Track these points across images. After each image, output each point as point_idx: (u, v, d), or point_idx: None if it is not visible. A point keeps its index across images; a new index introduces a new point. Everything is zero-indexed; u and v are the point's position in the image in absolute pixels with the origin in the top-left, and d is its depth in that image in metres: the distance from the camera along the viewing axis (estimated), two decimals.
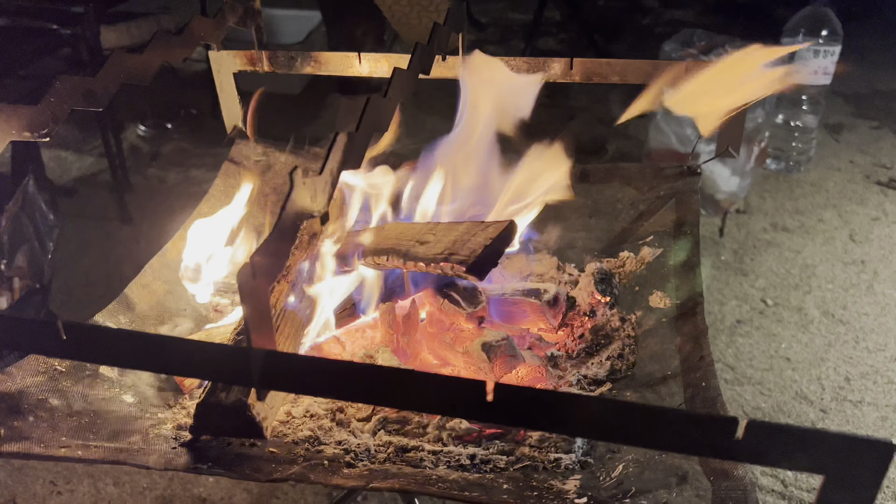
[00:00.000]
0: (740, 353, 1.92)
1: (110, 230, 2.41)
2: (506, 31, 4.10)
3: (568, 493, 0.82)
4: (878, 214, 2.52)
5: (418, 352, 1.12)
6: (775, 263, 2.28)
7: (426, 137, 1.23)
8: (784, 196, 2.65)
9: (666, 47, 2.46)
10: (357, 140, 0.88)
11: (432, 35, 1.11)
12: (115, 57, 1.06)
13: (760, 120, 2.41)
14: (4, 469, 1.60)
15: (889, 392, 1.79)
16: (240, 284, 0.68)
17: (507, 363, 1.04)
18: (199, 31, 1.23)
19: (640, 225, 1.33)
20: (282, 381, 0.61)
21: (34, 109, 0.96)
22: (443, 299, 1.10)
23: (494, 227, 1.07)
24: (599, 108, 3.16)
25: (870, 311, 2.07)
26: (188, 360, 0.62)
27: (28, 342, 0.66)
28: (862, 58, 3.54)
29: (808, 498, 1.52)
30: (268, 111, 1.41)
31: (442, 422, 0.96)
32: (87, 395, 0.96)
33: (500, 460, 0.89)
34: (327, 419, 0.97)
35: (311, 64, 1.39)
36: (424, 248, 1.07)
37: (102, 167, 2.72)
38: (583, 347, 1.13)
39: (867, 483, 0.48)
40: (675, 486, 0.77)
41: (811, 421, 1.72)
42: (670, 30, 3.05)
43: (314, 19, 3.33)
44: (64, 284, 2.03)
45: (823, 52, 2.60)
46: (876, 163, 2.85)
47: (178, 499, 1.54)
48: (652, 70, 1.28)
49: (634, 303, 1.17)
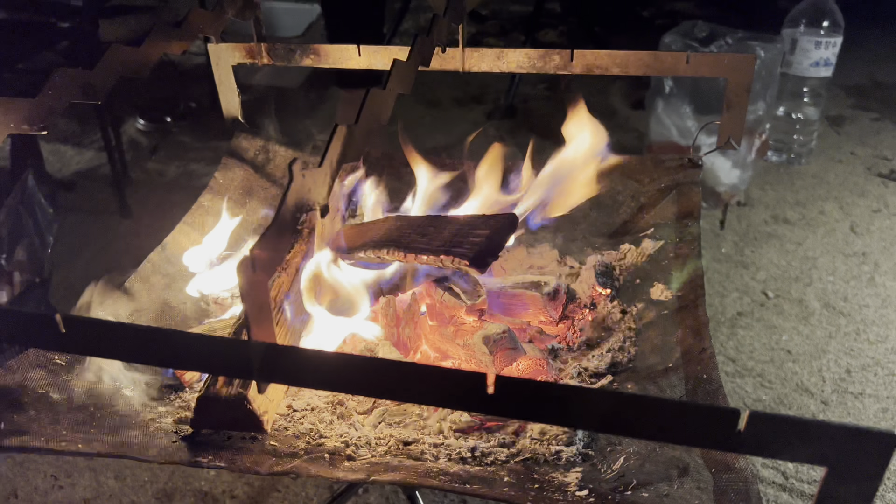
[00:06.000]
0: (741, 345, 1.92)
1: (110, 224, 2.41)
2: (506, 23, 4.08)
3: (569, 485, 0.82)
4: (879, 206, 2.52)
5: (419, 345, 1.12)
6: (776, 255, 2.28)
7: (425, 132, 1.22)
8: (785, 188, 2.64)
9: (666, 39, 2.45)
10: (356, 132, 0.88)
11: (432, 26, 1.11)
12: (114, 50, 1.05)
13: (762, 112, 2.40)
14: (5, 463, 1.60)
15: (890, 383, 1.79)
16: (240, 277, 0.68)
17: (508, 356, 1.04)
18: (198, 24, 1.23)
19: (640, 217, 1.33)
20: (282, 375, 0.61)
21: (32, 102, 0.95)
22: (443, 292, 1.10)
23: (495, 219, 1.07)
24: (600, 100, 3.15)
25: (871, 302, 2.06)
26: (188, 353, 0.62)
27: (28, 336, 0.66)
28: (863, 49, 3.52)
29: (809, 490, 1.52)
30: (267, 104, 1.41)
31: (443, 414, 0.96)
32: (87, 389, 0.96)
33: (501, 453, 0.89)
34: (328, 412, 0.97)
35: (310, 56, 1.39)
36: (425, 240, 1.07)
37: (102, 161, 2.72)
38: (583, 340, 1.13)
39: (869, 474, 0.48)
40: (677, 478, 0.77)
41: (812, 413, 1.72)
42: (671, 21, 3.04)
43: (313, 12, 3.32)
44: (64, 278, 2.02)
45: (825, 44, 2.59)
46: (877, 154, 2.84)
47: (179, 492, 1.54)
48: (652, 61, 1.27)
49: (635, 295, 1.17)
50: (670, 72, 1.30)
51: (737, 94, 1.24)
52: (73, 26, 2.13)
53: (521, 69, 1.35)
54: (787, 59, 2.65)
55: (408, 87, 1.00)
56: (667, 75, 2.34)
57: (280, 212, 0.75)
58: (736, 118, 1.26)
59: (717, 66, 1.25)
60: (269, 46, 1.39)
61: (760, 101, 2.38)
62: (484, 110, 3.18)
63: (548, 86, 3.29)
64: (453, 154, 1.38)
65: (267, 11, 3.23)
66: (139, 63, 1.09)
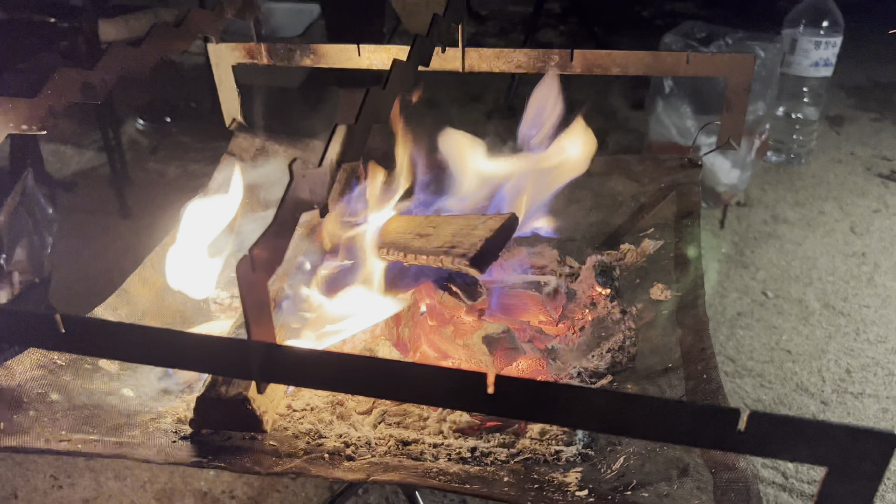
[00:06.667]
0: (741, 345, 1.92)
1: (109, 224, 2.41)
2: (506, 23, 4.09)
3: (569, 485, 0.82)
4: (879, 206, 2.52)
5: (418, 345, 1.12)
6: (776, 255, 2.28)
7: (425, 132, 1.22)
8: (785, 188, 2.64)
9: (666, 39, 2.45)
10: (356, 132, 0.88)
11: (432, 26, 1.11)
12: (113, 50, 1.05)
13: (761, 112, 2.40)
14: (5, 463, 1.60)
15: (890, 384, 1.79)
16: (239, 277, 0.68)
17: (508, 356, 1.04)
18: (198, 24, 1.23)
19: (640, 217, 1.33)
20: (281, 374, 0.61)
21: (32, 102, 0.95)
22: (443, 292, 1.10)
23: (495, 219, 1.07)
24: (599, 100, 3.15)
25: (870, 302, 2.06)
26: (188, 353, 0.62)
27: (27, 336, 0.66)
28: (863, 49, 3.52)
29: (809, 489, 1.52)
30: (267, 104, 1.41)
31: (442, 414, 0.96)
32: (86, 389, 0.96)
33: (501, 453, 0.89)
34: (327, 412, 0.97)
35: (310, 56, 1.39)
36: (424, 241, 1.07)
37: (101, 161, 2.72)
38: (583, 340, 1.13)
39: (869, 474, 0.47)
40: (677, 478, 0.77)
41: (812, 413, 1.72)
42: (671, 21, 3.04)
43: (313, 12, 3.31)
44: (63, 278, 2.02)
45: (825, 44, 2.59)
46: (877, 155, 2.84)
47: (179, 492, 1.54)
48: (652, 61, 1.27)
49: (635, 295, 1.17)
50: (670, 72, 1.30)
51: (736, 94, 1.24)
52: (73, 26, 2.12)
53: (520, 69, 1.35)
54: (787, 60, 2.66)
55: (408, 87, 1.00)
56: (667, 75, 2.34)
57: (280, 212, 0.75)
58: (736, 118, 1.26)
59: (716, 66, 1.25)
60: (269, 46, 1.39)
61: (760, 101, 2.38)
62: (484, 110, 3.18)
63: None
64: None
65: (267, 11, 3.23)
66: (139, 63, 1.09)
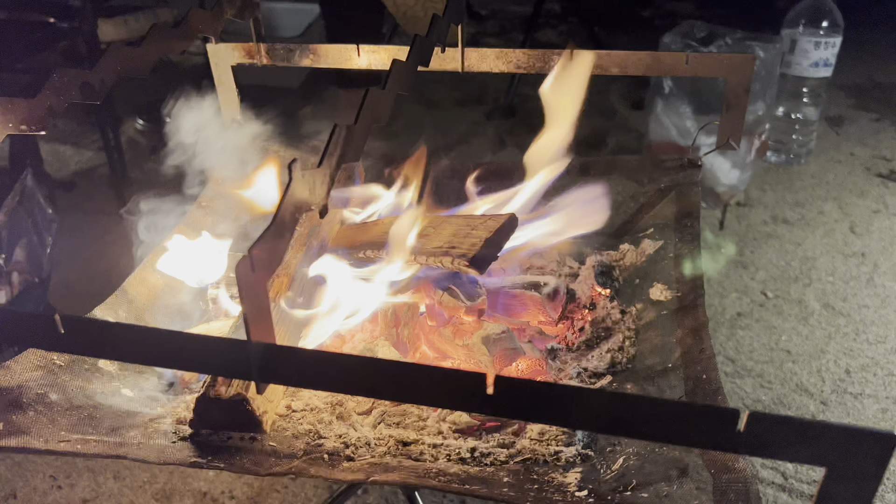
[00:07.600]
0: (740, 345, 1.92)
1: (109, 224, 2.41)
2: (505, 22, 4.09)
3: (568, 485, 0.82)
4: (879, 206, 2.52)
5: (418, 345, 1.12)
6: (776, 256, 2.28)
7: (425, 133, 1.22)
8: (784, 188, 2.64)
9: (666, 39, 2.45)
10: (356, 133, 0.88)
11: (431, 27, 1.11)
12: (113, 50, 1.05)
13: (761, 112, 2.40)
14: (4, 463, 1.60)
15: (889, 384, 1.79)
16: (238, 277, 0.68)
17: (508, 356, 1.04)
18: (197, 24, 1.23)
19: (640, 217, 1.33)
20: (281, 375, 0.61)
21: (31, 103, 0.95)
22: (442, 292, 1.10)
23: (494, 219, 1.07)
24: (599, 100, 3.15)
25: (870, 303, 2.06)
26: (187, 353, 0.61)
27: (26, 336, 0.66)
28: (863, 49, 3.53)
29: (808, 490, 1.52)
30: (266, 105, 1.41)
31: (442, 415, 0.96)
32: (86, 390, 0.96)
33: (501, 453, 0.89)
34: (327, 413, 0.97)
35: (309, 56, 1.38)
36: (424, 241, 1.07)
37: (101, 161, 2.71)
38: (583, 340, 1.13)
39: (869, 475, 0.47)
40: (676, 478, 0.77)
41: (811, 413, 1.72)
42: (670, 21, 3.04)
43: (313, 12, 3.31)
44: (63, 278, 2.02)
45: (824, 44, 2.59)
46: (876, 155, 2.84)
47: (179, 493, 1.54)
48: (652, 61, 1.27)
49: (635, 295, 1.17)
50: (670, 72, 1.30)
51: (736, 94, 1.24)
52: (72, 26, 2.12)
53: (520, 69, 1.35)
54: (787, 60, 2.66)
55: (407, 87, 1.00)
56: (666, 75, 2.34)
57: (279, 212, 0.75)
58: (735, 118, 1.26)
59: (716, 66, 1.25)
60: (269, 46, 1.39)
61: (760, 101, 2.38)
62: (484, 110, 3.18)
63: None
64: (453, 154, 1.38)
65: (266, 11, 3.23)
66: (139, 63, 1.09)
